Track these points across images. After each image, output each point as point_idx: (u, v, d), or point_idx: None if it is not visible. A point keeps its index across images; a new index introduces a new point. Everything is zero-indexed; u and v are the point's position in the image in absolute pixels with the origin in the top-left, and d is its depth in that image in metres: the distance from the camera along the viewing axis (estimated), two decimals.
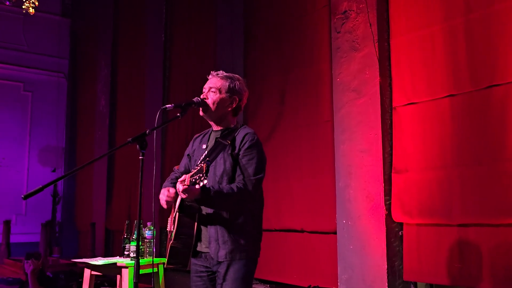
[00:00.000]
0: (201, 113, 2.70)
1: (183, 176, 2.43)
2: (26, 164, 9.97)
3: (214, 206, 2.55)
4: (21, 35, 10.02)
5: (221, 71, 2.78)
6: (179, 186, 2.39)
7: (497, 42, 3.44)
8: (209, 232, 2.58)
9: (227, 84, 2.70)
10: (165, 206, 2.62)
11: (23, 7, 6.41)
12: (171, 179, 2.84)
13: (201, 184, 2.31)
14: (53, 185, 9.57)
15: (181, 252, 2.61)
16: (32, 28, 10.09)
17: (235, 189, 2.50)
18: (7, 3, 6.50)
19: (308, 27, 5.06)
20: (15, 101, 9.95)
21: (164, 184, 2.81)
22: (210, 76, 2.77)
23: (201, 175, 2.30)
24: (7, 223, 9.02)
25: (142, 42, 8.08)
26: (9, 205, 9.49)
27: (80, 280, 6.12)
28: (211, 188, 2.46)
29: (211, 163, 2.55)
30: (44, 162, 10.09)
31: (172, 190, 2.58)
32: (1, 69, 9.67)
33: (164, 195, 2.61)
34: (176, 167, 2.99)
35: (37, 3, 6.48)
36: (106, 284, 6.45)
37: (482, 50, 3.54)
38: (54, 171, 10.08)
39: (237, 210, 2.58)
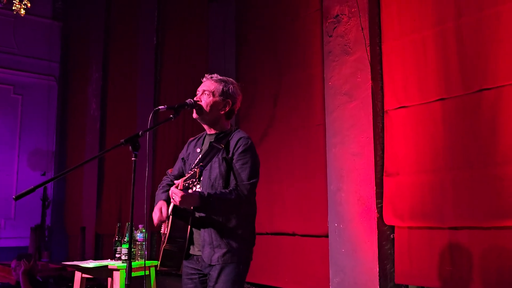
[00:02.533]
0: (194, 115, 2.71)
1: (177, 182, 2.43)
2: (15, 168, 9.87)
3: (212, 213, 2.55)
4: (12, 38, 9.95)
5: (215, 74, 2.79)
6: (174, 190, 2.39)
7: (488, 47, 3.47)
8: (202, 236, 2.57)
9: (221, 87, 2.71)
10: (155, 225, 2.63)
11: (13, 8, 6.36)
12: (163, 186, 2.83)
13: (194, 189, 2.31)
14: (43, 189, 9.51)
15: (174, 255, 2.60)
16: (23, 31, 10.02)
17: (233, 194, 2.51)
18: None
19: (300, 31, 5.07)
20: (5, 104, 9.86)
21: (157, 194, 2.80)
22: (204, 79, 2.78)
23: (194, 179, 2.31)
24: None
25: (134, 46, 8.06)
26: None
27: (70, 284, 6.09)
28: (210, 195, 2.46)
29: (204, 168, 2.55)
30: (34, 166, 10.00)
31: (164, 210, 2.61)
32: None
33: (156, 215, 2.62)
34: (169, 171, 2.98)
35: (29, 5, 6.43)
36: None
37: (473, 54, 3.56)
38: (44, 174, 10.01)
39: (233, 214, 2.58)
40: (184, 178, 2.37)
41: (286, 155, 5.03)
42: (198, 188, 2.32)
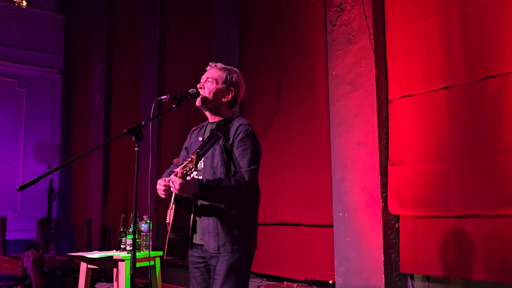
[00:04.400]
0: (197, 103, 2.70)
1: (176, 170, 2.42)
2: (21, 161, 9.92)
3: (212, 200, 2.53)
4: (15, 31, 9.97)
5: (219, 63, 2.79)
6: (173, 178, 2.38)
7: (492, 34, 3.44)
8: (203, 224, 2.56)
9: (225, 75, 2.71)
10: (162, 196, 2.60)
11: (14, 0, 6.35)
12: (169, 172, 2.83)
13: (192, 175, 2.30)
14: (49, 182, 9.55)
15: (179, 244, 2.60)
16: (26, 24, 10.04)
17: (232, 181, 2.48)
18: None
19: (303, 20, 5.05)
20: (10, 98, 9.89)
21: (163, 176, 2.80)
22: (208, 68, 2.78)
23: (191, 166, 2.29)
24: (3, 220, 9.00)
25: (137, 37, 8.05)
26: (4, 202, 9.45)
27: (76, 276, 6.11)
28: (208, 182, 2.44)
29: (202, 154, 2.53)
30: (39, 159, 10.05)
31: (167, 178, 2.52)
32: None
33: (160, 185, 2.58)
34: (175, 160, 2.98)
35: None
36: (103, 280, 6.44)
37: (477, 41, 3.53)
38: (49, 167, 10.05)
39: (234, 202, 2.57)
40: (182, 165, 2.35)
41: (290, 145, 5.03)
42: (194, 174, 2.30)
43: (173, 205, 2.57)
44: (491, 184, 3.36)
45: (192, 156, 2.30)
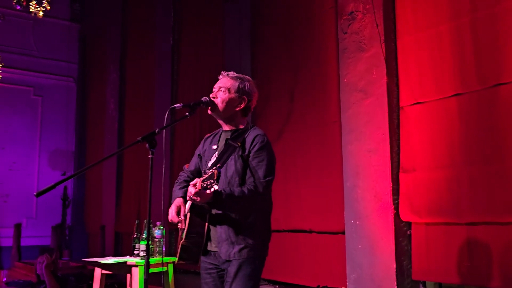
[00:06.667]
0: (209, 111, 2.73)
1: (195, 180, 2.45)
2: (36, 168, 10.05)
3: (225, 209, 2.58)
4: (31, 40, 10.13)
5: (231, 72, 2.81)
6: (191, 190, 2.42)
7: (504, 41, 3.45)
8: (218, 232, 2.60)
9: (237, 84, 2.73)
10: (170, 221, 2.66)
11: (31, 10, 6.47)
12: (180, 182, 2.86)
13: (212, 189, 2.33)
14: (63, 188, 9.66)
15: (192, 251, 2.64)
16: (42, 33, 10.20)
17: (246, 191, 2.52)
18: (18, 7, 6.56)
19: (315, 28, 5.08)
20: (25, 106, 10.04)
21: (174, 190, 2.83)
22: (220, 76, 2.81)
23: (212, 181, 2.32)
24: (18, 227, 9.11)
25: (151, 45, 8.14)
26: (19, 208, 9.57)
27: (90, 282, 6.18)
28: (222, 192, 2.48)
29: (222, 167, 2.57)
30: (54, 166, 10.16)
31: (182, 209, 2.62)
32: (12, 74, 9.74)
33: (172, 213, 2.65)
34: (186, 166, 3.01)
35: (48, 7, 6.54)
36: (116, 286, 6.50)
37: (489, 48, 3.54)
38: (64, 174, 10.17)
39: (247, 210, 2.60)
40: (202, 178, 2.38)
41: (302, 152, 5.05)
42: (216, 188, 2.34)
43: (188, 213, 2.62)
44: (503, 191, 3.35)
45: (214, 171, 2.33)
